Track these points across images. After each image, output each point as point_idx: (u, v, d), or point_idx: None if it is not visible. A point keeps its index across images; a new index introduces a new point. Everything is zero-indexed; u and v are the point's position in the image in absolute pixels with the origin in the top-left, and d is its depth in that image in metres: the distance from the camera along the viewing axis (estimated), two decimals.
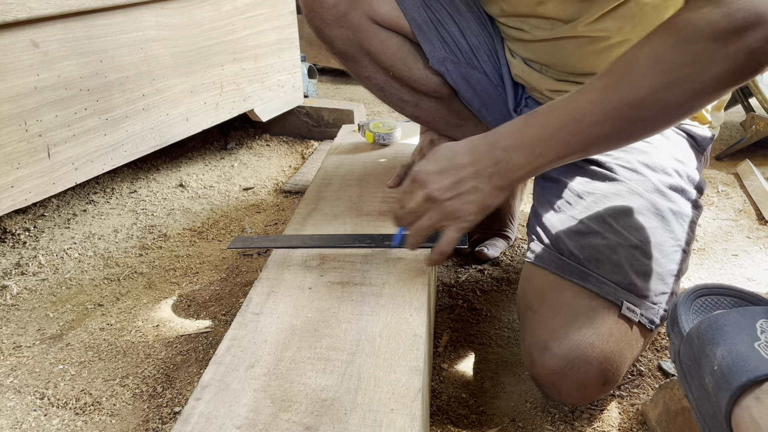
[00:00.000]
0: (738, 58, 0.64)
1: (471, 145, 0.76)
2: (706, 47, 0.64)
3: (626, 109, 0.68)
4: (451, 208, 0.75)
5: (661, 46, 0.67)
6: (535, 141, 0.72)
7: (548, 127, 0.71)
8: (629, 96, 0.68)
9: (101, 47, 1.35)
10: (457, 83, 1.06)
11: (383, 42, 1.03)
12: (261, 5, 1.81)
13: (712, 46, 0.64)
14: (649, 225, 0.83)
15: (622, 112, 0.68)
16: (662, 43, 0.67)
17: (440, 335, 1.04)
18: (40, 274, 1.27)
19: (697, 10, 0.65)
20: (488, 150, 0.74)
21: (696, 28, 0.65)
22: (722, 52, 0.64)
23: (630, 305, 0.78)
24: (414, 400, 0.60)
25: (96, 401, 0.91)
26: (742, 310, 0.61)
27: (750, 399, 0.52)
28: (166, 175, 1.76)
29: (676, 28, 0.66)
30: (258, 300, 0.78)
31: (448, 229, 0.78)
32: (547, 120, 0.72)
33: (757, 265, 1.24)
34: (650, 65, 0.67)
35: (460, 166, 0.75)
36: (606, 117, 0.69)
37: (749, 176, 1.61)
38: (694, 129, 0.96)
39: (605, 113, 0.69)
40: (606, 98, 0.69)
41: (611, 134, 0.70)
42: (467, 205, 0.75)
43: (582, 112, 0.70)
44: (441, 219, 0.77)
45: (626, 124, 0.69)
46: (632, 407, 0.88)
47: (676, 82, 0.66)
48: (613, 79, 0.69)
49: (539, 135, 0.72)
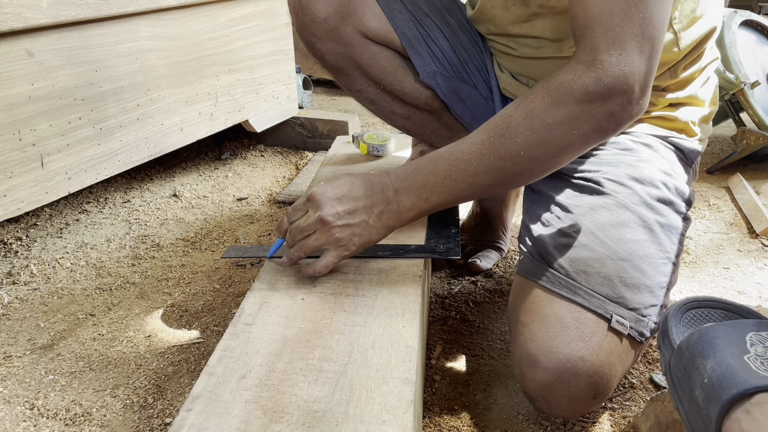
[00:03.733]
0: (601, 120, 0.73)
1: (368, 182, 0.81)
2: (574, 108, 0.72)
3: (502, 162, 0.75)
4: (339, 235, 0.80)
5: (535, 104, 0.74)
6: (422, 186, 0.79)
7: (434, 174, 0.78)
8: (504, 151, 0.75)
9: (96, 57, 1.35)
10: (448, 96, 1.07)
11: (374, 56, 1.04)
12: (256, 17, 1.82)
13: (580, 108, 0.72)
14: (638, 238, 0.84)
15: (499, 165, 0.75)
16: (537, 102, 0.74)
17: (433, 347, 1.04)
18: (32, 284, 1.26)
19: (572, 71, 0.73)
20: (381, 190, 0.80)
21: (568, 89, 0.73)
22: (588, 114, 0.72)
23: (619, 318, 0.79)
24: (406, 411, 0.60)
25: (86, 412, 0.91)
26: (732, 323, 0.62)
27: (740, 412, 0.53)
28: (160, 185, 1.75)
29: (550, 88, 0.74)
30: (250, 310, 0.78)
31: (329, 254, 0.82)
32: (434, 167, 0.79)
33: (747, 278, 1.25)
34: (523, 122, 0.74)
35: (356, 198, 0.80)
36: (485, 169, 0.76)
37: (740, 190, 1.63)
38: (682, 142, 0.97)
39: (484, 166, 0.76)
40: (485, 152, 0.76)
41: (490, 184, 0.77)
42: (353, 237, 0.80)
43: (464, 162, 0.77)
44: (326, 243, 0.80)
45: (502, 175, 0.76)
46: (624, 420, 0.88)
47: (546, 140, 0.74)
48: (492, 135, 0.76)
49: (425, 181, 0.79)
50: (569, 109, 0.72)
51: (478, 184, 0.77)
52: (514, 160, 0.75)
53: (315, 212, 0.80)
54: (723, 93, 1.81)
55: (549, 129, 0.73)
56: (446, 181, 0.77)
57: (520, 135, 0.74)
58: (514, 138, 0.74)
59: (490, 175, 0.76)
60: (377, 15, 1.02)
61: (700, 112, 0.99)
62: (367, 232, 0.80)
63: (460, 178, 0.77)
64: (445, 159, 0.78)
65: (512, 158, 0.75)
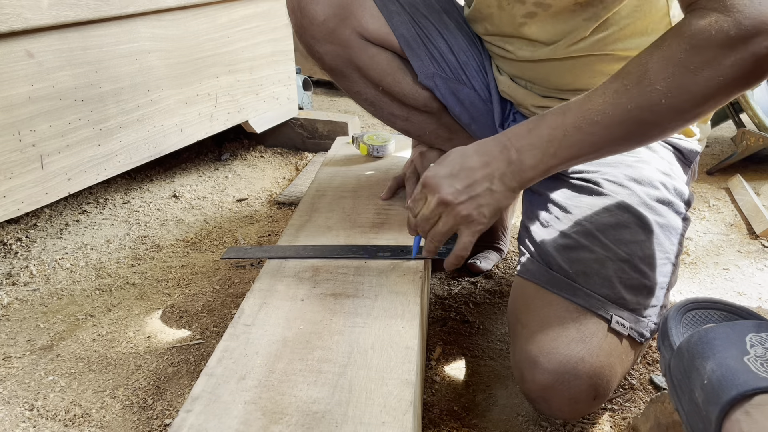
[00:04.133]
0: (746, 64, 0.66)
1: (482, 147, 0.77)
2: (717, 53, 0.66)
3: (639, 111, 0.69)
4: (466, 212, 0.77)
5: (673, 51, 0.69)
6: (549, 141, 0.74)
7: (562, 128, 0.73)
8: (642, 99, 0.69)
9: (96, 58, 1.35)
10: (446, 98, 1.07)
11: (372, 58, 1.04)
12: (256, 18, 1.82)
13: (722, 53, 0.66)
14: (637, 239, 0.84)
15: (636, 115, 0.70)
16: (674, 49, 0.68)
17: (433, 348, 1.04)
18: (32, 284, 1.26)
19: (706, 17, 0.68)
20: (500, 151, 0.76)
21: (707, 35, 0.67)
22: (731, 58, 0.66)
23: (619, 319, 0.79)
24: (405, 413, 0.60)
25: (86, 413, 0.91)
26: (732, 324, 0.62)
27: (740, 413, 0.53)
28: (160, 186, 1.75)
29: (687, 34, 0.68)
30: (250, 311, 0.78)
31: (463, 234, 0.79)
32: (561, 121, 0.73)
33: (747, 279, 1.25)
34: (662, 69, 0.68)
35: (471, 169, 0.77)
36: (620, 119, 0.70)
37: (740, 191, 1.63)
38: (680, 142, 0.97)
39: (619, 115, 0.70)
40: (619, 101, 0.70)
41: (623, 136, 0.72)
42: (482, 208, 0.77)
43: (596, 113, 0.71)
44: (457, 223, 0.78)
45: (639, 126, 0.71)
46: (623, 421, 0.88)
47: (688, 87, 0.68)
48: (627, 83, 0.70)
49: (552, 135, 0.74)
50: (712, 54, 0.66)
51: (613, 137, 0.72)
52: (653, 109, 0.69)
53: (433, 196, 0.77)
54: None
55: (692, 75, 0.67)
56: (576, 134, 0.72)
57: (660, 82, 0.68)
58: (653, 85, 0.68)
59: (626, 127, 0.71)
60: (376, 17, 1.02)
61: None
62: (494, 199, 0.77)
63: (592, 131, 0.71)
64: (575, 110, 0.73)
65: (651, 107, 0.69)
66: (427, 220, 0.79)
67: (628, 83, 0.70)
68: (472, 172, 0.76)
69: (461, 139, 1.13)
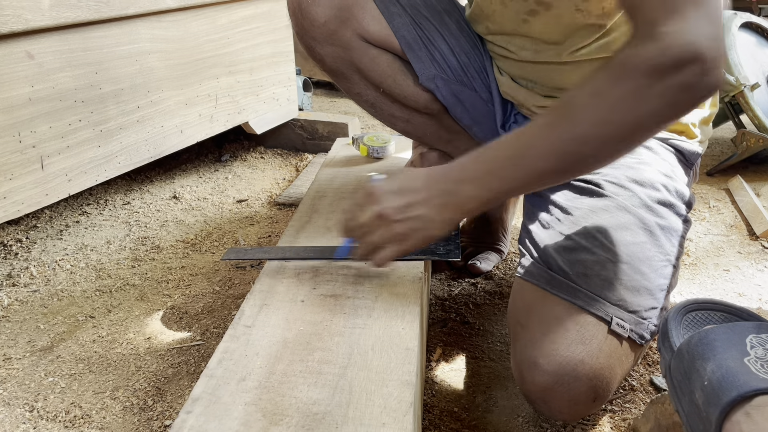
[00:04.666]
0: (674, 94, 0.66)
1: (428, 174, 0.78)
2: (643, 83, 0.66)
3: (568, 144, 0.70)
4: (399, 230, 0.77)
5: (600, 83, 0.69)
6: (484, 175, 0.74)
7: (496, 161, 0.74)
8: (569, 133, 0.70)
9: (96, 59, 1.35)
10: (447, 99, 1.07)
11: (373, 59, 1.04)
12: (256, 19, 1.82)
13: (648, 82, 0.66)
14: (638, 240, 0.84)
15: (565, 147, 0.70)
16: (601, 80, 0.69)
17: (433, 349, 1.04)
18: (32, 286, 1.26)
19: (635, 47, 0.68)
20: (441, 181, 0.76)
21: (633, 64, 0.67)
22: (658, 88, 0.66)
23: (619, 321, 0.79)
24: (406, 414, 0.60)
25: (86, 414, 0.91)
26: (732, 326, 0.62)
27: (740, 414, 0.53)
28: (160, 187, 1.75)
29: (614, 65, 0.69)
30: (250, 313, 0.78)
31: (388, 248, 0.79)
32: (495, 154, 0.74)
33: (748, 281, 1.25)
34: (589, 102, 0.69)
35: (414, 190, 0.77)
36: (549, 152, 0.71)
37: (740, 192, 1.63)
38: (682, 144, 0.97)
39: (549, 149, 0.71)
40: (549, 134, 0.71)
41: (555, 169, 0.72)
42: (414, 231, 0.77)
43: (528, 147, 0.72)
44: (389, 239, 0.77)
45: (568, 158, 0.71)
46: (624, 422, 0.88)
47: (614, 118, 0.68)
48: (556, 117, 0.71)
49: (488, 169, 0.74)
50: (635, 84, 0.66)
51: (545, 169, 0.72)
52: (581, 141, 0.69)
53: (373, 207, 0.77)
54: (723, 95, 1.81)
55: (616, 104, 0.67)
56: (510, 168, 0.73)
57: (586, 114, 0.69)
58: (580, 117, 0.69)
59: (557, 159, 0.71)
60: (376, 19, 1.02)
61: (700, 114, 0.99)
62: (427, 225, 0.76)
63: (524, 164, 0.72)
64: (508, 144, 0.74)
65: (578, 139, 0.69)
66: (362, 228, 0.79)
67: (557, 117, 0.71)
68: (414, 193, 0.77)
69: (462, 141, 1.13)
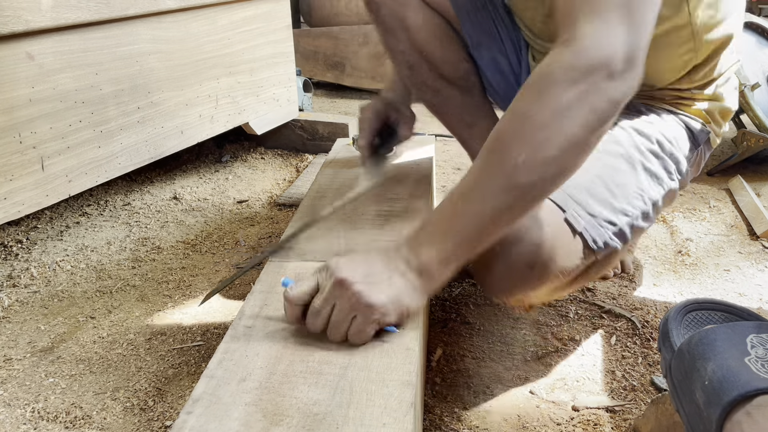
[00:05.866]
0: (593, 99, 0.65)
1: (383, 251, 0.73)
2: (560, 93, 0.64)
3: (506, 178, 0.67)
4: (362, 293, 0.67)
5: (520, 104, 0.68)
6: (433, 235, 0.70)
7: (441, 220, 0.71)
8: (504, 165, 0.67)
9: (97, 60, 1.35)
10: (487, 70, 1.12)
11: (425, 19, 1.08)
12: (256, 19, 1.82)
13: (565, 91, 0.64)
14: (618, 167, 0.86)
15: (504, 182, 0.67)
16: (522, 102, 0.68)
17: (433, 349, 1.04)
18: (32, 287, 1.26)
19: (551, 55, 0.67)
20: (396, 251, 0.72)
21: (548, 74, 0.66)
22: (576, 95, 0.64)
23: (575, 214, 0.80)
24: (406, 414, 0.60)
25: (86, 415, 0.91)
26: (733, 325, 0.62)
27: (741, 414, 0.52)
28: (160, 188, 1.76)
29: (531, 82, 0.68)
30: (251, 313, 0.78)
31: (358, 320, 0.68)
32: (439, 212, 0.71)
33: (748, 280, 1.25)
34: (514, 128, 0.67)
35: (373, 263, 0.71)
36: (491, 192, 0.68)
37: (740, 192, 1.63)
38: (692, 122, 0.99)
39: (488, 189, 0.68)
40: (485, 175, 0.69)
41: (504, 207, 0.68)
42: (380, 294, 0.68)
43: (467, 194, 0.69)
44: (352, 307, 0.67)
45: (512, 193, 0.68)
46: (624, 422, 0.88)
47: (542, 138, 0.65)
48: (487, 154, 0.69)
49: (435, 229, 0.71)
50: (555, 95, 0.65)
51: (492, 211, 0.68)
52: (518, 170, 0.66)
53: (330, 278, 0.69)
54: None
55: (540, 124, 0.65)
56: (456, 220, 0.69)
57: (514, 141, 0.66)
58: (509, 147, 0.67)
59: (500, 198, 0.67)
60: None
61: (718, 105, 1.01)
62: (394, 289, 0.69)
63: (469, 212, 0.68)
64: (449, 198, 0.71)
65: (514, 170, 0.66)
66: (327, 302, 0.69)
67: (488, 153, 0.69)
68: (374, 265, 0.70)
69: (482, 127, 1.15)
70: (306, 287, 0.70)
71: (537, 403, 0.92)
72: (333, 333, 0.69)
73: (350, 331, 0.69)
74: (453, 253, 0.70)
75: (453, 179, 1.83)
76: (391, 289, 0.69)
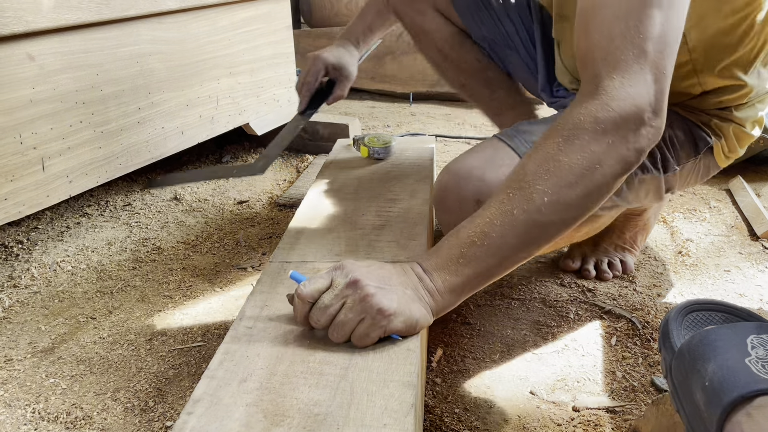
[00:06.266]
0: (620, 148, 0.69)
1: (398, 265, 0.74)
2: (589, 141, 0.68)
3: (527, 215, 0.69)
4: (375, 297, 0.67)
5: (548, 146, 0.71)
6: (448, 260, 0.72)
7: (458, 246, 0.72)
8: (525, 203, 0.70)
9: (97, 61, 1.35)
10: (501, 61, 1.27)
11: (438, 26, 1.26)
12: (257, 20, 1.82)
13: (594, 139, 0.68)
14: None
15: (525, 219, 0.70)
16: (549, 144, 0.71)
17: (434, 350, 1.04)
18: (33, 287, 1.26)
19: (578, 105, 0.71)
20: (411, 270, 0.73)
21: (576, 123, 0.70)
22: (604, 144, 0.68)
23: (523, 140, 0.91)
24: (407, 415, 0.60)
25: (87, 415, 0.91)
26: (733, 326, 0.62)
27: (741, 415, 0.53)
28: (161, 188, 1.76)
29: (559, 128, 0.71)
30: (251, 313, 0.78)
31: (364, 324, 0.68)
32: (456, 238, 0.73)
33: (748, 281, 1.25)
34: (539, 167, 0.70)
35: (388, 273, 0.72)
36: (511, 227, 0.70)
37: (741, 192, 1.63)
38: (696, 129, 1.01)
39: (509, 223, 0.70)
40: (506, 209, 0.70)
41: (520, 243, 0.71)
42: (392, 302, 0.68)
43: (487, 225, 0.71)
44: (361, 310, 0.67)
45: (531, 230, 0.70)
46: (625, 422, 0.88)
47: (568, 181, 0.69)
48: (510, 190, 0.71)
49: (450, 254, 0.72)
50: (583, 143, 0.69)
51: (509, 245, 0.70)
52: (540, 210, 0.69)
53: (345, 278, 0.69)
54: None
55: (567, 168, 0.69)
56: (472, 249, 0.71)
57: (539, 182, 0.69)
58: (534, 186, 0.69)
59: (519, 233, 0.70)
60: None
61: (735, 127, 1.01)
62: (406, 300, 0.70)
63: (486, 243, 0.70)
64: (468, 226, 0.72)
65: (537, 209, 0.69)
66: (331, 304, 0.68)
67: (511, 190, 0.71)
68: (389, 274, 0.72)
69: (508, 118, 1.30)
70: (320, 284, 0.70)
71: (537, 403, 0.92)
72: (337, 331, 0.69)
73: (356, 332, 0.69)
74: (467, 284, 0.73)
75: None
76: (403, 299, 0.70)
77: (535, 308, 1.15)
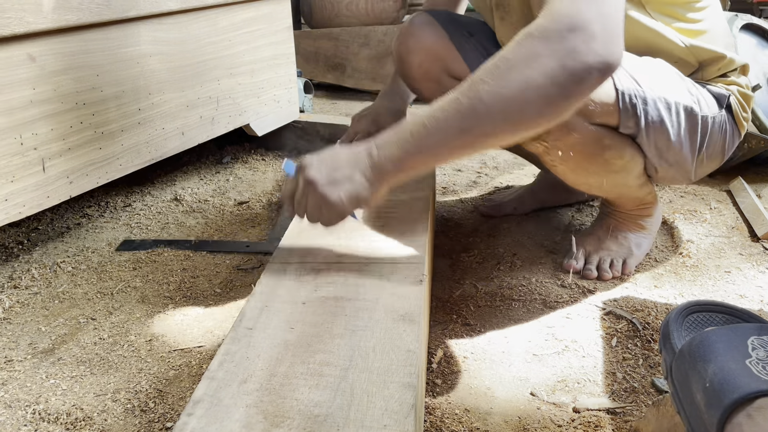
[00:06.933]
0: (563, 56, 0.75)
1: (352, 147, 0.87)
2: (534, 45, 0.77)
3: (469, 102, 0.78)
4: (326, 193, 0.84)
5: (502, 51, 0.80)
6: (399, 139, 0.83)
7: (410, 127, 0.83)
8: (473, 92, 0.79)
9: (98, 61, 1.35)
10: None
11: None
12: (257, 21, 1.82)
13: (539, 44, 0.76)
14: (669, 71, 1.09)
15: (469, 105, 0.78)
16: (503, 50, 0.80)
17: (434, 351, 1.04)
18: (33, 288, 1.26)
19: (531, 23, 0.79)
20: (365, 150, 0.86)
21: (527, 32, 0.78)
22: (548, 50, 0.76)
23: None
24: (407, 416, 0.60)
25: (87, 416, 0.91)
26: (734, 327, 0.62)
27: (741, 416, 0.53)
28: (161, 189, 1.76)
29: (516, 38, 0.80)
30: (251, 314, 0.78)
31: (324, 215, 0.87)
32: (411, 121, 0.83)
33: (749, 282, 1.25)
34: (491, 65, 0.79)
35: (339, 160, 0.86)
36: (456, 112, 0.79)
37: (741, 193, 1.63)
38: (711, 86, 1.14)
39: (455, 109, 0.79)
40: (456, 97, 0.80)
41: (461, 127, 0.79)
42: (340, 192, 0.84)
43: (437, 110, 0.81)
44: (318, 203, 0.85)
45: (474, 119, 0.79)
46: (625, 424, 0.88)
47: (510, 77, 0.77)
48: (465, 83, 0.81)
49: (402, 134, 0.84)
50: (528, 46, 0.77)
51: (452, 128, 0.79)
52: (481, 99, 0.77)
53: (303, 178, 0.86)
54: None
55: (511, 66, 0.77)
56: (422, 131, 0.81)
57: (486, 75, 0.78)
58: (481, 78, 0.78)
59: (462, 117, 0.78)
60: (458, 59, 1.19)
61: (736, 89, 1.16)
62: (352, 187, 0.84)
63: (434, 125, 0.80)
64: (423, 111, 0.82)
65: (479, 97, 0.77)
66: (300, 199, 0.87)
67: (465, 82, 0.80)
68: (339, 162, 0.86)
69: None
70: (291, 186, 0.89)
71: (538, 404, 0.92)
72: (310, 219, 0.88)
73: (321, 220, 0.87)
74: (410, 159, 0.83)
75: (454, 179, 1.83)
76: (351, 185, 0.84)
77: (535, 309, 1.15)
